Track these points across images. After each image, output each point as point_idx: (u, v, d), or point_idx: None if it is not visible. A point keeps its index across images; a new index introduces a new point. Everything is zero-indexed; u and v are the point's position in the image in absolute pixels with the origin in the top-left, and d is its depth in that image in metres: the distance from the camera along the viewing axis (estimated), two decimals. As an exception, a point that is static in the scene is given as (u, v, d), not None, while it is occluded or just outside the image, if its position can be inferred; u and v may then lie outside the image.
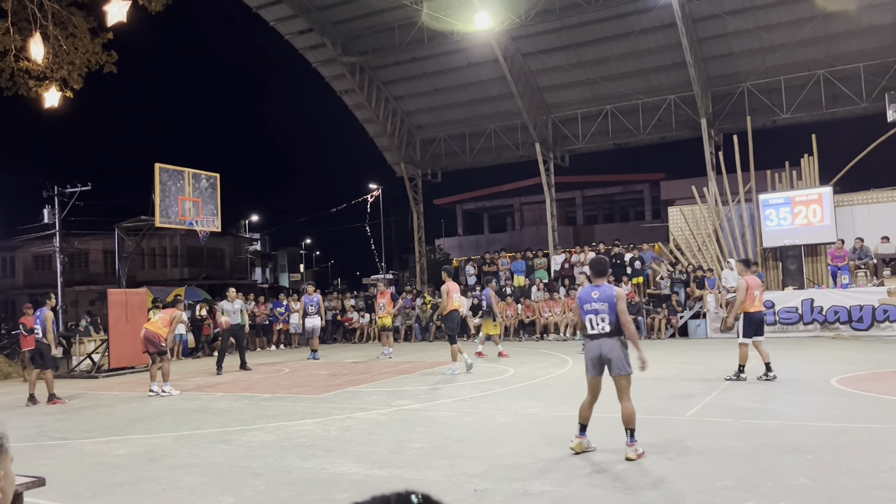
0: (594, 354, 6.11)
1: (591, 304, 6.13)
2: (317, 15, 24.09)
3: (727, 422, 7.35)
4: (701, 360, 13.27)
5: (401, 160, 28.01)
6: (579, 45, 23.62)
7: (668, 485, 5.20)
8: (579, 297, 6.27)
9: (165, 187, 16.41)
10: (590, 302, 6.13)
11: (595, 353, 6.10)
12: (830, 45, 21.36)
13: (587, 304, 6.15)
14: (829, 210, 18.72)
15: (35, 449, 7.49)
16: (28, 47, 13.69)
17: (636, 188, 42.22)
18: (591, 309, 6.12)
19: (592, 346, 6.13)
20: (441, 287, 13.03)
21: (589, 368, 6.18)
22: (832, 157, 20.28)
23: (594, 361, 6.13)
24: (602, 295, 6.10)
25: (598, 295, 6.12)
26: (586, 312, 6.14)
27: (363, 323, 23.11)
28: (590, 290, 6.22)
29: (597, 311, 6.08)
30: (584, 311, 6.17)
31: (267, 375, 14.06)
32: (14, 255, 45.73)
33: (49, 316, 12.05)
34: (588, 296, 6.18)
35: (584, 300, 6.18)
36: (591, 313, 6.12)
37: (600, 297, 6.10)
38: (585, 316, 6.15)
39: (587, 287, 6.32)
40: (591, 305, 6.13)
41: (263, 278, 57.85)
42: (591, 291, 6.19)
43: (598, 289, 6.18)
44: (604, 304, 6.07)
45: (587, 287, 6.32)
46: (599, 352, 6.07)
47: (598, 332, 6.08)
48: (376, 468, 5.99)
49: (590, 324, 6.13)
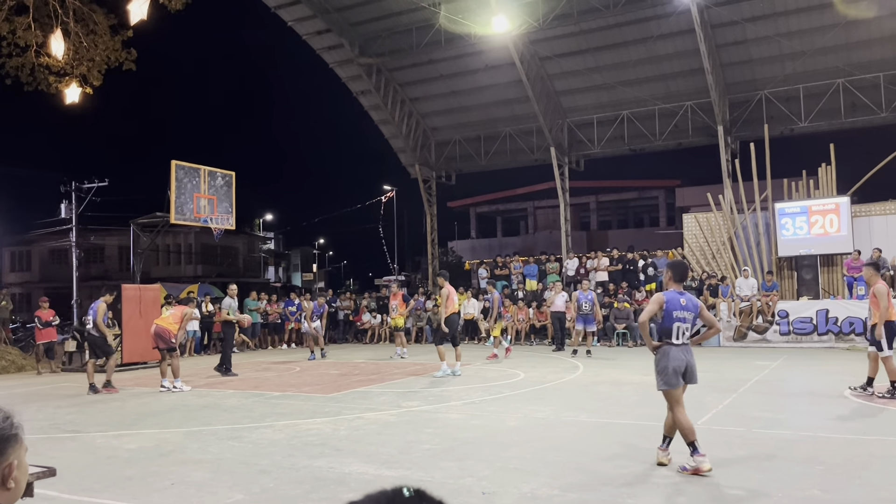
0: (680, 363, 5.76)
1: (680, 311, 5.79)
2: (335, 16, 24.18)
3: (739, 431, 7.29)
4: (713, 368, 13.16)
5: (415, 162, 28.05)
6: (597, 50, 23.56)
7: (678, 491, 5.16)
8: (667, 302, 5.81)
9: (181, 184, 16.53)
10: (679, 309, 5.80)
11: (682, 361, 5.76)
12: (850, 54, 21.18)
13: (676, 311, 5.79)
14: (846, 220, 18.55)
15: (47, 441, 7.56)
16: (49, 43, 13.83)
17: (651, 194, 42.03)
18: (680, 316, 5.79)
19: (678, 355, 5.76)
20: (441, 291, 13.06)
21: (672, 379, 5.76)
22: (850, 166, 20.12)
23: (680, 370, 5.76)
24: (689, 303, 5.86)
25: (685, 302, 5.83)
26: (675, 320, 5.77)
27: (374, 323, 23.15)
28: (676, 295, 5.87)
29: (685, 319, 5.80)
30: (672, 318, 5.77)
31: (278, 374, 14.11)
32: (30, 249, 46.14)
33: (101, 308, 12.22)
34: (677, 302, 5.82)
35: (674, 306, 5.80)
36: (679, 321, 5.78)
37: (688, 304, 5.83)
38: (674, 324, 5.77)
39: (673, 293, 5.91)
40: (680, 313, 5.79)
41: (276, 277, 58.07)
42: (678, 298, 5.85)
43: (685, 295, 5.90)
44: (691, 312, 5.82)
45: (673, 293, 5.91)
46: (686, 360, 5.79)
47: (683, 340, 5.80)
48: (384, 468, 6.00)
49: (676, 332, 5.79)
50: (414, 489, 1.21)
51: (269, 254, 57.26)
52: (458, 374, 12.41)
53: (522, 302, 20.98)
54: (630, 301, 19.58)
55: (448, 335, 12.76)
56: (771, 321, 17.66)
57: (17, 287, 44.23)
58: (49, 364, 16.15)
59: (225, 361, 13.87)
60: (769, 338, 17.58)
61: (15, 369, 16.44)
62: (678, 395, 5.79)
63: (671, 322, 5.79)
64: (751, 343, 17.68)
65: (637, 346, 18.76)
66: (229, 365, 13.82)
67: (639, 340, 19.08)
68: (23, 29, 14.77)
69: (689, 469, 5.55)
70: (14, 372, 16.29)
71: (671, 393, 5.79)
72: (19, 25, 14.76)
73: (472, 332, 21.64)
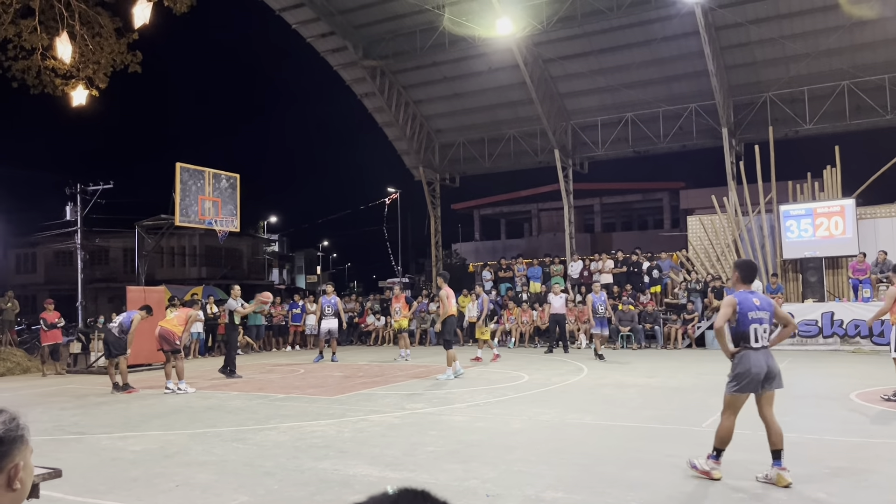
0: (761, 369, 5.36)
1: (755, 311, 5.44)
2: (339, 18, 24.23)
3: (744, 433, 7.23)
4: (718, 370, 13.09)
5: (419, 164, 28.06)
6: (601, 52, 23.56)
7: (682, 494, 5.15)
8: (740, 304, 5.45)
9: (186, 186, 16.56)
10: (754, 310, 5.44)
11: (762, 367, 5.36)
12: (855, 56, 21.14)
13: (751, 311, 5.43)
14: (852, 222, 18.50)
15: (52, 443, 7.57)
16: (55, 46, 13.88)
17: (655, 196, 41.97)
18: (756, 318, 5.43)
19: (758, 360, 5.37)
20: (440, 293, 13.04)
21: (748, 385, 5.38)
22: (855, 168, 20.06)
23: (760, 377, 5.36)
24: (763, 302, 5.52)
25: (759, 302, 5.49)
26: (751, 321, 5.41)
27: (378, 325, 23.16)
28: (748, 295, 5.53)
29: (761, 321, 5.44)
30: (748, 319, 5.42)
31: (282, 376, 14.11)
32: (36, 251, 46.32)
33: (137, 319, 12.42)
34: (750, 303, 5.47)
35: (748, 307, 5.44)
36: (756, 322, 5.42)
37: (762, 304, 5.49)
38: (750, 325, 5.41)
39: (744, 293, 5.57)
40: (755, 314, 5.44)
41: (280, 279, 58.17)
42: (751, 298, 5.50)
43: (756, 295, 5.56)
44: (766, 312, 5.49)
45: (744, 293, 5.57)
46: (767, 366, 5.38)
47: (762, 343, 5.43)
48: (389, 470, 5.99)
49: (754, 334, 5.41)
50: (418, 490, 1.21)
51: (273, 256, 57.37)
52: (461, 374, 12.40)
53: (526, 304, 20.96)
54: (634, 303, 19.55)
55: (451, 336, 12.74)
56: (776, 324, 17.58)
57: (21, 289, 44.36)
58: (54, 366, 16.19)
59: (229, 363, 13.87)
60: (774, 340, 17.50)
61: (20, 371, 16.48)
62: (741, 404, 5.47)
63: (747, 324, 5.43)
64: (755, 345, 17.60)
65: (641, 348, 18.73)
66: (234, 367, 13.81)
67: (643, 343, 19.06)
68: (28, 32, 14.83)
69: (699, 468, 5.47)
70: (19, 373, 16.33)
71: (736, 398, 5.45)
72: (25, 28, 14.83)
73: (471, 334, 21.60)
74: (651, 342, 19.24)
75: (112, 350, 12.36)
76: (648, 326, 19.16)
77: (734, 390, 5.45)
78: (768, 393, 5.44)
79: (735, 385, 5.44)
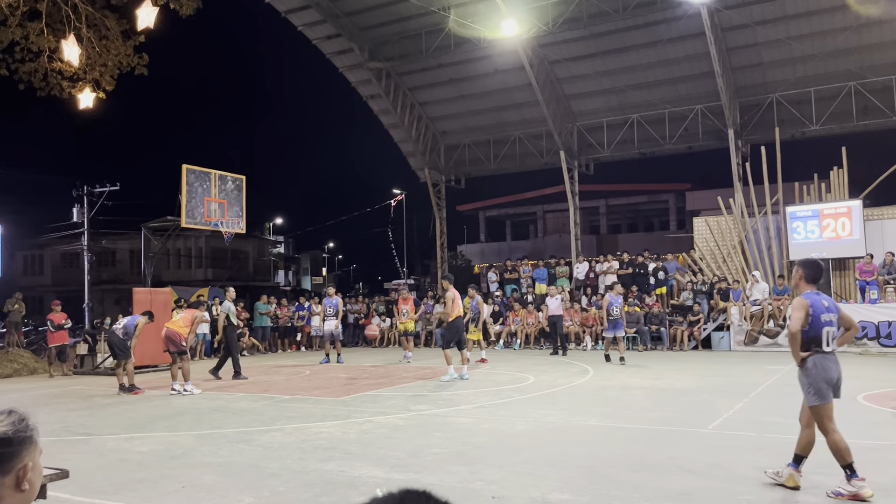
0: (834, 374, 5.14)
1: (826, 314, 5.17)
2: (344, 20, 24.27)
3: (750, 436, 7.24)
4: (724, 372, 13.10)
5: (425, 166, 28.07)
6: (606, 54, 23.53)
7: (688, 496, 5.14)
8: (812, 306, 5.17)
9: (192, 188, 16.61)
10: (825, 312, 5.18)
11: (835, 372, 5.15)
12: (862, 57, 21.06)
13: (823, 314, 5.16)
14: (859, 224, 18.43)
15: (59, 444, 7.60)
16: (62, 48, 13.94)
17: (661, 198, 41.91)
18: (827, 320, 5.16)
19: (830, 365, 5.13)
20: (447, 294, 13.03)
21: (825, 393, 5.12)
22: (862, 170, 20.00)
23: (832, 382, 5.14)
24: (831, 304, 5.26)
25: (828, 304, 5.23)
26: (824, 324, 5.15)
27: (384, 327, 23.17)
28: (818, 297, 5.26)
29: (832, 323, 5.17)
30: (820, 322, 5.15)
31: (288, 377, 14.14)
32: (43, 253, 46.50)
33: (142, 322, 12.50)
34: (821, 304, 5.20)
35: (819, 309, 5.16)
36: (828, 325, 5.15)
37: (830, 306, 5.23)
38: (823, 329, 5.14)
39: (813, 294, 5.28)
40: (827, 316, 5.17)
41: (286, 281, 58.27)
42: (820, 299, 5.24)
43: (824, 296, 5.31)
44: (835, 314, 5.22)
45: (813, 294, 5.28)
46: (839, 371, 5.18)
47: (832, 347, 5.19)
48: (394, 472, 6.00)
49: (826, 338, 5.14)
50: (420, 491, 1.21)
51: (278, 257, 57.46)
52: (466, 378, 12.39)
53: (532, 306, 20.94)
54: (640, 305, 19.51)
55: (454, 338, 12.73)
56: (782, 325, 17.55)
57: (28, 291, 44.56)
58: (61, 367, 16.26)
59: (234, 365, 13.87)
60: (780, 342, 17.46)
61: (27, 372, 16.55)
62: (831, 411, 5.15)
63: (820, 327, 5.15)
64: (762, 347, 17.58)
65: (646, 349, 18.68)
66: (238, 368, 13.84)
67: (649, 345, 19.02)
68: (36, 34, 14.90)
69: (847, 493, 4.91)
70: (26, 375, 16.40)
71: (824, 408, 5.13)
72: (32, 31, 14.89)
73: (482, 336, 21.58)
74: (657, 344, 19.20)
75: (117, 352, 12.42)
76: (654, 328, 19.12)
77: (815, 401, 5.15)
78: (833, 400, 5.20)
79: (815, 395, 5.16)
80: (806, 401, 5.26)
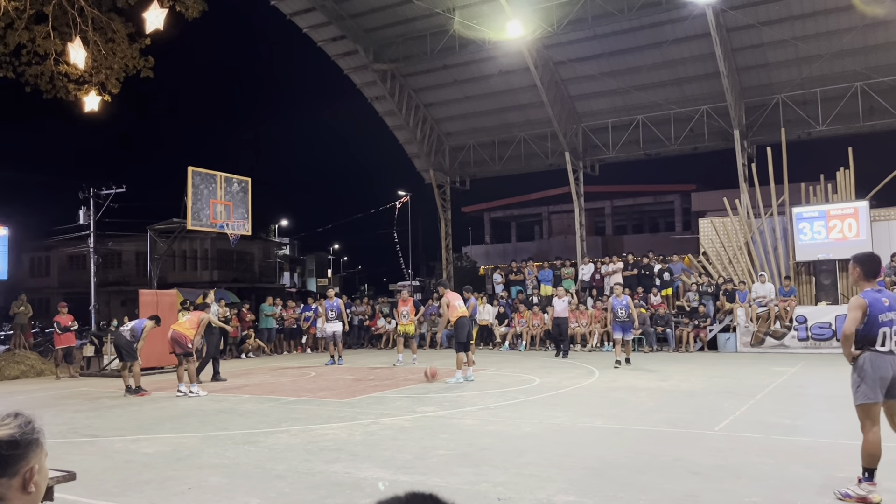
0: (886, 373, 4.97)
1: (885, 313, 5.00)
2: (350, 22, 24.31)
3: (757, 437, 7.22)
4: (730, 374, 13.06)
5: (430, 167, 28.09)
6: (611, 55, 23.51)
7: (694, 498, 5.12)
8: (870, 305, 5.02)
9: (198, 190, 16.65)
10: (884, 311, 5.00)
11: (888, 371, 4.97)
12: (868, 57, 20.99)
13: (882, 313, 4.99)
14: (865, 224, 18.36)
15: (65, 445, 7.62)
16: (68, 51, 14.00)
17: (667, 199, 41.82)
18: (887, 319, 4.99)
19: (884, 364, 4.97)
20: (441, 300, 13.01)
21: (877, 391, 4.97)
22: (869, 170, 19.92)
23: (885, 382, 4.98)
24: (892, 302, 5.05)
25: (888, 302, 5.02)
26: (882, 324, 4.99)
27: (389, 328, 23.18)
28: (876, 295, 5.07)
29: (892, 322, 4.99)
30: (878, 322, 4.99)
31: (293, 378, 14.15)
32: (49, 255, 46.68)
33: (149, 325, 12.55)
34: (880, 303, 5.01)
35: (878, 309, 4.99)
36: (886, 325, 4.99)
37: (891, 304, 5.03)
38: (880, 329, 4.99)
39: (872, 292, 5.11)
40: (886, 315, 4.99)
41: (291, 282, 58.35)
42: (880, 298, 5.04)
43: (883, 293, 5.08)
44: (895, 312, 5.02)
45: (872, 292, 5.11)
46: (893, 371, 4.98)
47: (889, 347, 4.98)
48: (400, 473, 5.99)
49: (882, 337, 4.98)
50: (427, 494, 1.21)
51: (284, 259, 57.56)
52: (472, 380, 12.38)
53: (537, 307, 20.92)
54: (645, 306, 19.46)
55: (465, 338, 12.70)
56: (789, 326, 17.51)
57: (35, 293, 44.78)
58: (68, 369, 16.31)
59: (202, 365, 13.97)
60: (787, 343, 17.43)
61: (34, 374, 16.61)
62: (877, 412, 5.02)
63: (876, 327, 5.00)
64: (768, 348, 17.53)
65: (652, 351, 18.65)
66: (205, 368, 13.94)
67: (655, 346, 18.98)
68: (42, 37, 14.96)
69: (854, 496, 4.91)
70: (33, 376, 16.45)
71: (870, 408, 5.01)
72: (39, 34, 14.95)
73: (488, 338, 21.61)
74: (662, 345, 19.15)
75: (123, 354, 12.47)
76: (660, 329, 19.08)
77: (862, 399, 5.04)
78: (892, 402, 5.03)
79: (862, 394, 5.04)
80: (853, 399, 5.13)
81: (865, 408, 5.03)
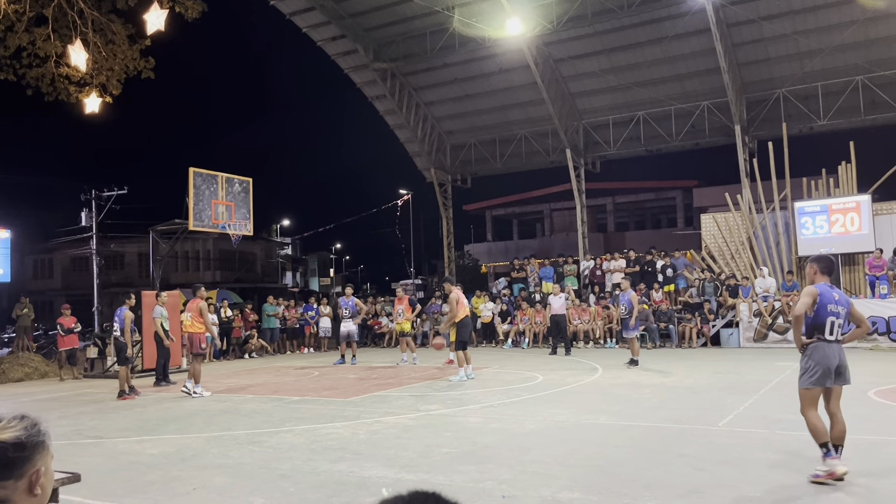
0: (832, 363, 5.47)
1: (834, 305, 5.53)
2: (349, 21, 24.29)
3: (761, 433, 7.22)
4: (734, 369, 13.05)
5: (431, 166, 28.07)
6: (611, 51, 23.48)
7: (699, 494, 5.12)
8: (821, 295, 5.53)
9: (199, 191, 16.65)
10: (833, 303, 5.53)
11: (834, 360, 5.47)
12: (870, 51, 20.94)
13: (830, 304, 5.52)
14: (868, 218, 18.33)
15: (70, 447, 7.64)
16: (68, 53, 14.01)
17: (668, 195, 41.73)
18: (834, 311, 5.51)
19: (830, 353, 5.48)
20: (451, 297, 12.95)
21: (820, 377, 5.47)
22: (871, 164, 19.86)
23: (832, 369, 5.47)
24: (842, 298, 5.61)
25: (838, 297, 5.58)
26: (829, 313, 5.50)
27: (391, 327, 23.20)
28: (828, 289, 5.62)
29: (838, 315, 5.52)
30: (826, 311, 5.50)
31: (296, 378, 14.17)
32: (52, 257, 46.74)
33: (129, 315, 12.50)
34: (830, 295, 5.56)
35: (828, 300, 5.53)
36: (833, 315, 5.50)
37: (840, 299, 5.58)
38: (828, 318, 5.49)
39: (825, 285, 5.65)
40: (834, 307, 5.52)
41: (294, 282, 58.37)
42: (830, 291, 5.60)
43: (835, 290, 5.66)
44: (844, 308, 5.56)
45: (825, 285, 5.65)
46: (838, 359, 5.50)
47: (836, 337, 5.52)
48: (404, 472, 6.00)
49: (830, 327, 5.50)
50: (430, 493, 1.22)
51: (286, 259, 57.57)
52: (472, 377, 12.38)
53: (540, 304, 20.92)
54: (648, 302, 19.45)
55: (468, 338, 12.72)
56: (791, 322, 17.47)
57: (38, 295, 44.83)
58: (71, 370, 16.34)
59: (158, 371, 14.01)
60: (790, 338, 17.40)
61: (38, 376, 16.64)
62: (816, 396, 5.53)
63: (825, 316, 5.49)
64: (771, 344, 17.52)
65: (655, 347, 18.64)
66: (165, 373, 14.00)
67: (658, 342, 18.96)
68: (42, 40, 14.97)
69: (822, 475, 5.27)
70: (37, 379, 16.49)
71: (811, 392, 5.52)
72: (39, 36, 14.96)
73: (490, 336, 21.61)
74: (665, 341, 19.14)
75: (120, 359, 12.46)
76: (663, 325, 19.07)
77: (808, 384, 5.51)
78: (837, 387, 5.53)
79: (808, 379, 5.51)
80: (798, 382, 5.60)
81: (808, 392, 5.52)
